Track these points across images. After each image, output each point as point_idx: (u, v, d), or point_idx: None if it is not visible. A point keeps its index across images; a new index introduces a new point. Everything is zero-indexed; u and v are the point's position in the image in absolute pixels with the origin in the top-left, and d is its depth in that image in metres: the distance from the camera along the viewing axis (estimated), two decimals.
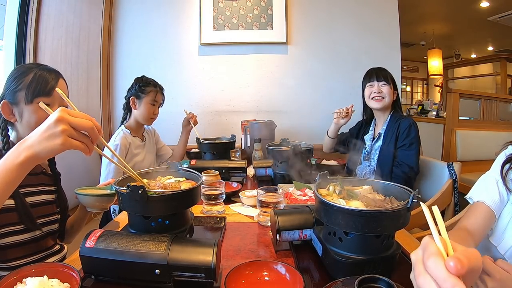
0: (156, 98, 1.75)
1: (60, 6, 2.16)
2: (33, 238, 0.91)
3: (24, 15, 2.03)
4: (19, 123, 0.91)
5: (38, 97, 0.88)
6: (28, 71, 0.91)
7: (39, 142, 0.56)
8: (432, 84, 8.32)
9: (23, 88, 0.89)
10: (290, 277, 0.64)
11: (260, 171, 1.45)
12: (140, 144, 1.80)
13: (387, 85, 1.63)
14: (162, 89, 1.82)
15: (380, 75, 1.65)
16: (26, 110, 0.89)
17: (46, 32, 2.11)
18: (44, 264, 0.66)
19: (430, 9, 4.92)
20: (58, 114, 0.56)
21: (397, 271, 0.70)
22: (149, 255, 0.62)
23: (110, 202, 0.99)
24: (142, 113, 1.73)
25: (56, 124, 0.55)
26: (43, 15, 2.10)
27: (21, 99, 0.89)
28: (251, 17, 2.32)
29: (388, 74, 1.66)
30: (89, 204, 0.96)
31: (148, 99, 1.72)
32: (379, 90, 1.64)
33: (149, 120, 1.78)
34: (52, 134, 0.55)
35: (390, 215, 0.62)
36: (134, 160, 1.74)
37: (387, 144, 1.60)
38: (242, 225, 1.03)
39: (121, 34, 2.38)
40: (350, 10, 2.33)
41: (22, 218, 0.81)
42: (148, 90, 1.73)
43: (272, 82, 2.38)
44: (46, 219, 0.96)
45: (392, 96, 1.65)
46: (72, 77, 2.23)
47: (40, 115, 0.88)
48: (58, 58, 2.17)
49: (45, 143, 0.56)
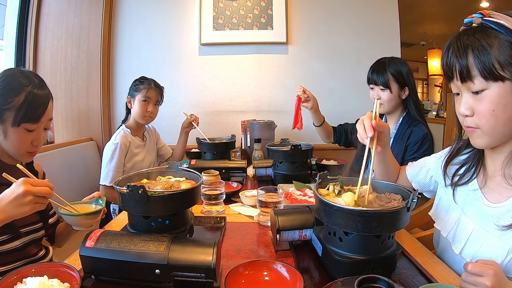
0: (148, 94, 1.71)
1: (60, 6, 2.16)
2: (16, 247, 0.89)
3: (24, 15, 2.04)
4: (2, 139, 0.89)
5: (25, 123, 0.88)
6: (20, 89, 0.88)
7: (10, 209, 0.71)
8: (432, 84, 8.32)
9: (11, 109, 0.86)
10: (290, 277, 0.64)
11: (260, 171, 1.45)
12: (140, 144, 1.79)
13: (386, 90, 1.42)
14: (158, 86, 1.79)
15: (379, 80, 1.44)
16: (11, 131, 0.88)
17: (46, 32, 2.11)
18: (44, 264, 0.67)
19: (430, 9, 4.92)
20: (24, 188, 0.70)
21: (397, 271, 0.70)
22: (149, 255, 0.62)
23: (96, 219, 0.92)
24: (136, 111, 1.73)
25: (24, 196, 0.71)
26: (43, 15, 2.10)
27: (8, 119, 0.87)
28: (251, 17, 2.32)
29: (389, 75, 1.42)
30: (74, 223, 0.91)
31: (140, 96, 1.71)
32: (378, 96, 1.44)
33: (143, 118, 1.74)
34: (21, 204, 0.71)
35: (390, 215, 0.62)
36: (134, 160, 1.74)
37: (396, 151, 1.39)
38: (242, 225, 1.03)
39: (121, 34, 2.38)
40: (350, 10, 2.33)
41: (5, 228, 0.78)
42: (141, 87, 1.72)
43: (272, 82, 2.38)
44: (29, 228, 0.95)
45: (395, 100, 1.43)
46: (72, 77, 2.23)
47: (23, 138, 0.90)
48: (58, 58, 2.17)
49: (16, 210, 0.72)
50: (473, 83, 0.65)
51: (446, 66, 0.70)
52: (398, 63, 1.44)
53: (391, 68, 1.43)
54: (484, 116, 0.65)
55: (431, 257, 0.80)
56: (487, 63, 0.62)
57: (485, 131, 0.67)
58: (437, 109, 5.09)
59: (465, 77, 0.66)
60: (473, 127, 0.68)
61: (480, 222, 0.73)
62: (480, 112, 0.66)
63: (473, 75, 0.64)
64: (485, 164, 0.77)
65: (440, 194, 0.89)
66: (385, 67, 1.44)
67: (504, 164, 0.71)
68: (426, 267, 0.73)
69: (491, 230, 0.69)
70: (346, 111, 2.20)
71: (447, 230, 0.81)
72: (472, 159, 0.79)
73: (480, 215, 0.73)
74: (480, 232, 0.72)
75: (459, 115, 0.72)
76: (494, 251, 0.68)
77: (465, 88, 0.68)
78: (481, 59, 0.63)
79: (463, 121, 0.71)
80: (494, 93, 0.64)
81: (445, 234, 0.81)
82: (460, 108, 0.69)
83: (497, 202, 0.71)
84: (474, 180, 0.77)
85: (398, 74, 1.42)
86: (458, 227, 0.77)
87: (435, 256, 0.81)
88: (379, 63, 1.48)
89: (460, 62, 0.66)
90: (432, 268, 0.74)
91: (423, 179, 0.95)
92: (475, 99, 0.66)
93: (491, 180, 0.75)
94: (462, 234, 0.75)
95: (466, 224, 0.75)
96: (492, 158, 0.75)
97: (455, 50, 0.67)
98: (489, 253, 0.68)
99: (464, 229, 0.75)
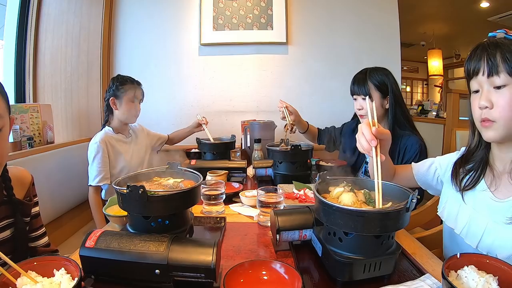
0: (136, 94, 1.71)
1: (60, 6, 2.16)
2: None
3: (24, 15, 2.04)
4: None
5: None
6: None
7: None
8: (432, 84, 8.32)
9: None
10: (289, 276, 0.64)
11: (260, 171, 1.45)
12: (125, 140, 1.75)
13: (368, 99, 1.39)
14: (140, 84, 1.77)
15: (360, 90, 1.42)
16: None
17: (46, 32, 2.11)
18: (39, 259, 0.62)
19: (430, 9, 4.92)
20: None
21: (397, 271, 0.70)
22: (149, 255, 0.62)
23: None
24: (125, 112, 1.69)
25: None
26: (43, 15, 2.10)
27: None
28: (251, 17, 2.33)
29: (370, 85, 1.40)
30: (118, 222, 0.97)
31: (128, 97, 1.68)
32: (360, 106, 1.44)
33: (133, 117, 1.74)
34: None
35: (390, 215, 0.62)
36: (121, 160, 1.70)
37: None
38: (242, 225, 1.03)
39: (121, 34, 2.39)
40: (350, 10, 2.33)
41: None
42: (127, 88, 1.68)
43: (272, 82, 2.38)
44: None
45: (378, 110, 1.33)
46: (72, 77, 2.23)
47: None
48: (58, 58, 2.17)
49: None
50: (499, 77, 0.72)
51: (473, 63, 0.76)
52: (379, 73, 1.42)
53: (372, 78, 1.41)
54: (504, 108, 0.72)
55: (431, 257, 0.80)
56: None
57: (501, 123, 0.73)
58: (437, 110, 5.09)
59: (493, 71, 0.72)
60: (490, 120, 0.74)
61: (492, 217, 0.77)
62: (501, 105, 0.72)
63: (500, 70, 0.71)
64: (492, 166, 0.83)
65: (448, 194, 0.93)
66: (365, 77, 1.43)
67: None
68: (426, 267, 0.73)
69: (503, 224, 0.74)
70: (346, 111, 2.18)
71: (459, 227, 0.85)
72: (478, 165, 0.84)
73: (491, 211, 0.78)
74: (493, 226, 0.76)
75: (475, 110, 0.77)
76: (508, 243, 0.73)
77: (488, 83, 0.74)
78: (509, 59, 0.71)
79: (480, 115, 0.76)
80: None
81: (458, 231, 0.85)
82: (481, 101, 0.75)
83: (505, 198, 0.76)
84: (482, 181, 0.83)
85: (379, 84, 1.40)
86: (472, 224, 0.81)
87: (435, 256, 0.81)
88: (360, 74, 1.47)
89: (490, 58, 0.73)
90: (432, 268, 0.74)
91: (430, 179, 1.00)
92: (496, 93, 0.73)
93: (499, 179, 0.80)
94: (476, 229, 0.80)
95: (479, 219, 0.80)
96: (500, 158, 0.81)
97: (486, 48, 0.74)
98: (504, 245, 0.73)
99: (478, 224, 0.80)
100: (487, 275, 0.57)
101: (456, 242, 0.87)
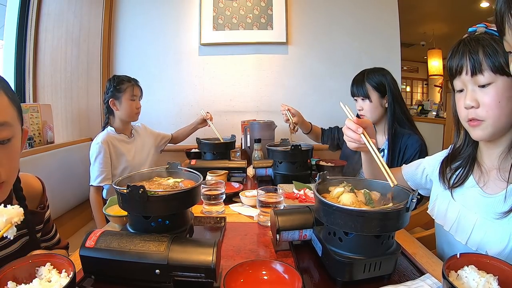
0: (134, 92, 1.72)
1: (60, 6, 2.16)
2: None
3: (24, 15, 2.04)
4: None
5: None
6: None
7: None
8: (432, 84, 8.33)
9: None
10: (289, 276, 0.64)
11: (260, 171, 1.45)
12: (127, 140, 1.76)
13: (366, 100, 1.45)
14: (137, 81, 1.78)
15: (359, 91, 1.47)
16: None
17: (46, 32, 2.11)
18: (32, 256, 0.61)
19: (430, 9, 4.92)
20: None
21: (397, 271, 0.70)
22: (149, 255, 0.62)
23: None
24: (126, 111, 1.71)
25: None
26: (43, 15, 2.10)
27: None
28: (251, 17, 2.33)
29: (368, 85, 1.44)
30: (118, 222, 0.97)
31: (127, 96, 1.70)
32: (360, 107, 1.49)
33: (134, 115, 1.75)
34: None
35: (390, 215, 0.62)
36: (123, 160, 1.70)
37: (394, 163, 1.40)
38: (242, 225, 1.03)
39: (121, 34, 2.38)
40: (350, 10, 2.33)
41: None
42: (124, 87, 1.70)
43: (272, 82, 2.38)
44: None
45: (377, 109, 1.44)
46: (72, 77, 2.23)
47: None
48: (58, 58, 2.18)
49: None
50: (483, 76, 0.70)
51: (455, 61, 0.74)
52: (376, 74, 1.46)
53: (369, 79, 1.45)
54: (490, 107, 0.70)
55: (431, 257, 0.80)
56: (497, 58, 0.68)
57: (489, 122, 0.71)
58: (437, 109, 5.09)
59: (476, 70, 0.70)
60: (477, 119, 0.72)
61: (481, 212, 0.77)
62: (487, 104, 0.70)
63: (483, 68, 0.69)
64: (479, 162, 0.82)
65: (437, 192, 0.93)
66: (363, 78, 1.47)
67: (501, 158, 0.75)
68: (426, 267, 0.73)
69: (492, 219, 0.74)
70: None
71: (449, 224, 0.84)
72: (466, 163, 0.84)
73: (480, 206, 0.77)
74: (482, 222, 0.76)
75: (461, 110, 0.76)
76: (497, 238, 0.72)
77: (472, 82, 0.72)
78: (491, 54, 0.68)
79: (466, 115, 0.74)
80: (500, 86, 0.69)
81: (448, 228, 0.84)
82: (466, 101, 0.73)
83: (495, 193, 0.75)
84: (470, 178, 0.82)
85: (377, 84, 1.44)
86: (461, 220, 0.81)
87: (435, 256, 0.81)
88: (358, 75, 1.51)
89: (473, 56, 0.71)
90: (432, 268, 0.74)
91: (419, 178, 1.00)
92: (481, 92, 0.71)
93: (487, 175, 0.79)
94: (465, 225, 0.79)
95: (468, 215, 0.79)
96: (488, 154, 0.80)
97: (467, 46, 0.72)
98: (493, 240, 0.73)
99: (468, 220, 0.79)
100: (487, 275, 0.57)
101: (446, 239, 0.87)
